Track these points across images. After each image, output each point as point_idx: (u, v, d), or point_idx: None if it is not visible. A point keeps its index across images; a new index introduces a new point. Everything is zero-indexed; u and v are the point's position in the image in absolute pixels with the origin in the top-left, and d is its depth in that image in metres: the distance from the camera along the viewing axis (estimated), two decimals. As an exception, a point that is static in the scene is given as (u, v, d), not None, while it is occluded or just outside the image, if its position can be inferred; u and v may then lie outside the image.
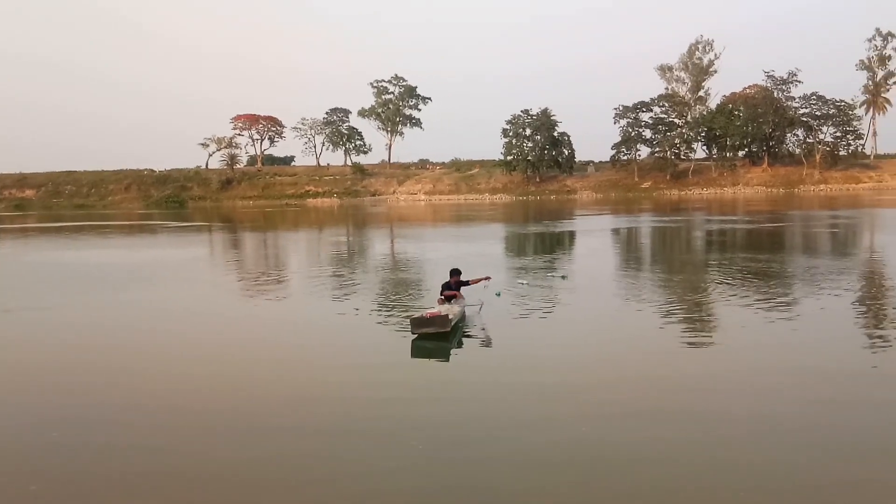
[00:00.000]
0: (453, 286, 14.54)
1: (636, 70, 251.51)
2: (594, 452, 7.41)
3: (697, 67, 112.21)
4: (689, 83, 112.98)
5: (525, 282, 18.97)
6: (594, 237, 38.34)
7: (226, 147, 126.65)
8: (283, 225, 58.17)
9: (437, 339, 12.27)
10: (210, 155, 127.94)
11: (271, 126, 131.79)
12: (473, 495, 6.51)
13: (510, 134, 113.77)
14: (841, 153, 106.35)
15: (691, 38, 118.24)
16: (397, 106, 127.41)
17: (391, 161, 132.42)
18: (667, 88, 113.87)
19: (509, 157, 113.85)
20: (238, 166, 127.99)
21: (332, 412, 9.07)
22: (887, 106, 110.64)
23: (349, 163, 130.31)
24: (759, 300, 15.72)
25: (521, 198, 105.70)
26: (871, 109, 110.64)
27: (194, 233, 50.41)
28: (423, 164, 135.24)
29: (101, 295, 19.22)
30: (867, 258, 26.00)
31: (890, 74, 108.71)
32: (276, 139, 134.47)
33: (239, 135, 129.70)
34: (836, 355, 11.06)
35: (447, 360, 11.84)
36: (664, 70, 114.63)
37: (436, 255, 28.93)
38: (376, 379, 10.49)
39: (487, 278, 15.39)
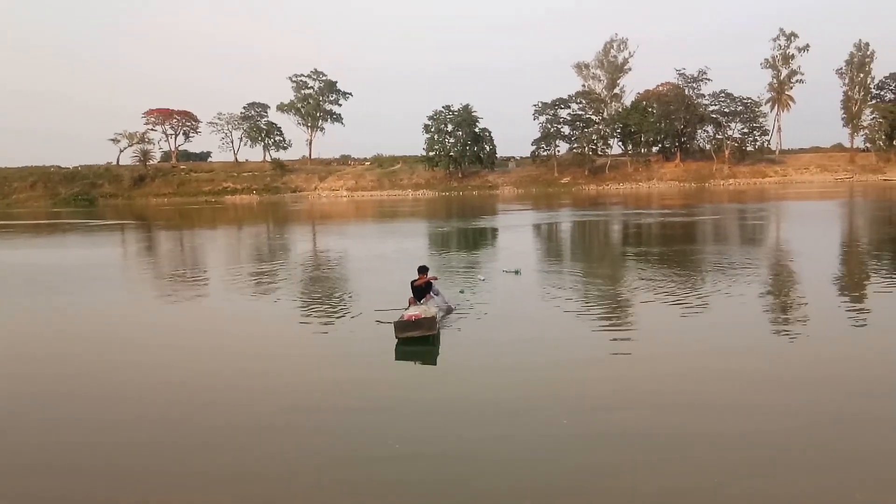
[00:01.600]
0: (423, 285, 14.03)
1: (557, 68, 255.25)
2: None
3: (613, 65, 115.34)
4: (605, 81, 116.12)
5: (483, 278, 19.30)
6: (520, 232, 39.08)
7: (138, 142, 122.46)
8: (201, 223, 56.98)
9: (421, 342, 11.87)
10: (121, 151, 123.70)
11: (186, 121, 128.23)
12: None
13: (432, 130, 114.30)
14: (748, 149, 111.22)
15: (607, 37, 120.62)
16: (317, 101, 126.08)
17: (312, 157, 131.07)
18: (584, 86, 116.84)
19: (431, 153, 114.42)
20: (151, 162, 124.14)
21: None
22: (791, 103, 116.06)
23: (268, 159, 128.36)
24: (674, 292, 16.54)
25: (443, 193, 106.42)
26: (776, 106, 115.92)
27: (106, 232, 48.91)
28: (345, 159, 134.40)
29: None
30: (775, 250, 27.50)
31: (793, 73, 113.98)
32: (191, 134, 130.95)
33: (152, 130, 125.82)
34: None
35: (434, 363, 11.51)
36: (581, 67, 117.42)
37: (365, 253, 29.16)
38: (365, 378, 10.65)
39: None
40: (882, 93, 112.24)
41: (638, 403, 9.08)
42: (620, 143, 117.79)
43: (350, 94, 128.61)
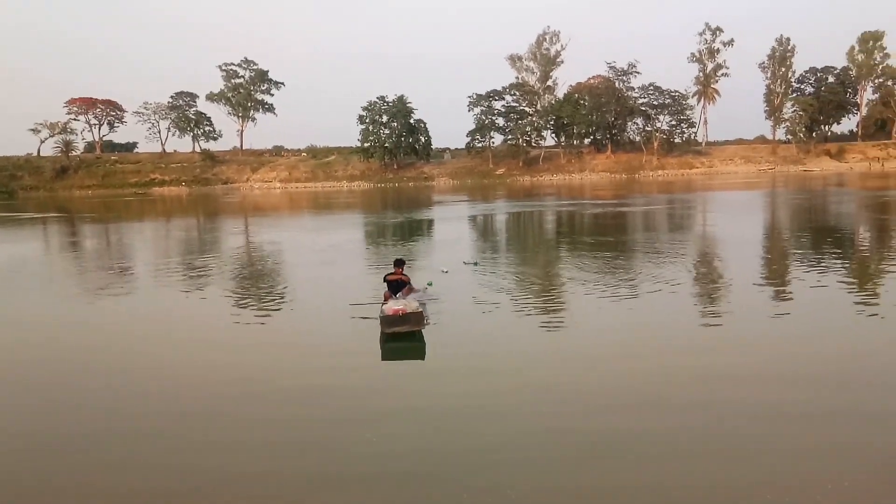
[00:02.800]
0: (399, 279, 13.75)
1: (491, 61, 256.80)
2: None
3: (545, 58, 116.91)
4: (538, 73, 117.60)
5: (446, 270, 19.45)
6: (461, 224, 39.48)
7: (60, 133, 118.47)
8: (128, 216, 55.56)
9: (408, 338, 11.74)
10: (42, 141, 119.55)
11: (110, 110, 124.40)
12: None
13: (367, 121, 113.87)
14: (676, 141, 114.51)
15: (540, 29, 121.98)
16: (248, 90, 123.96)
17: (244, 148, 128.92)
18: (517, 78, 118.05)
19: (366, 144, 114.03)
20: (74, 153, 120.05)
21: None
22: (716, 96, 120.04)
23: (198, 149, 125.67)
24: (610, 284, 17.20)
25: (379, 185, 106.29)
26: (702, 99, 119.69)
27: (28, 226, 47.25)
28: (278, 150, 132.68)
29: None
30: (703, 239, 28.63)
31: (718, 67, 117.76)
32: (116, 124, 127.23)
33: (74, 119, 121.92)
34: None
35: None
36: (514, 60, 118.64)
37: (299, 245, 29.09)
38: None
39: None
40: (802, 86, 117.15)
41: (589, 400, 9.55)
42: (554, 135, 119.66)
43: (282, 83, 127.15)
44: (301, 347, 12.22)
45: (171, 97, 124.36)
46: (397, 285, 13.64)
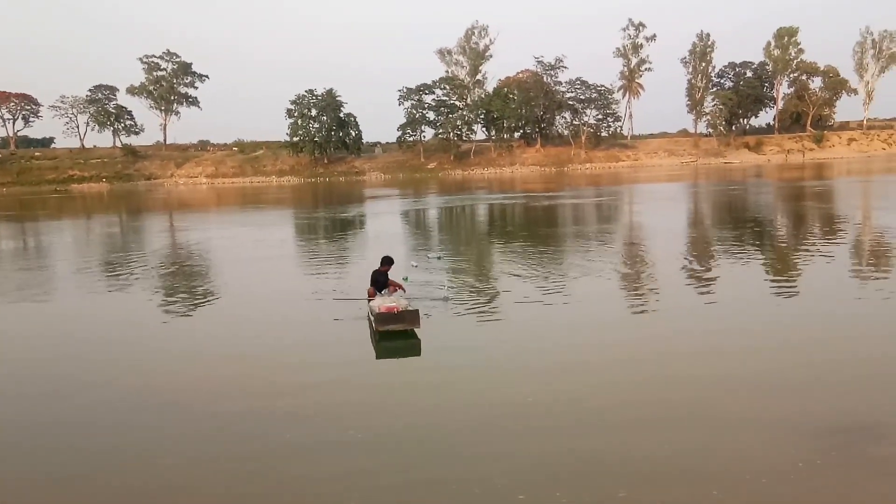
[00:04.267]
0: (378, 277, 13.64)
1: (422, 54, 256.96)
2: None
3: (475, 52, 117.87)
4: (468, 67, 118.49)
5: (415, 264, 19.65)
6: (397, 218, 39.89)
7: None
8: (45, 213, 53.89)
9: (402, 336, 11.73)
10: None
11: (24, 104, 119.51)
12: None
13: (295, 115, 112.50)
14: (603, 134, 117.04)
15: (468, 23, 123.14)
16: (171, 83, 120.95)
17: (167, 142, 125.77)
18: (447, 72, 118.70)
19: (296, 139, 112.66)
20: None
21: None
22: (641, 90, 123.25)
23: (119, 144, 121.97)
24: (544, 276, 18.04)
25: (309, 180, 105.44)
26: (627, 94, 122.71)
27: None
28: (204, 145, 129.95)
29: None
30: (629, 229, 29.90)
31: (642, 62, 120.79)
32: (31, 119, 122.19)
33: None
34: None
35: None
36: (444, 54, 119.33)
37: (228, 243, 29.04)
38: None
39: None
40: (722, 81, 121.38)
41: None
42: (484, 129, 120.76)
43: (206, 76, 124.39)
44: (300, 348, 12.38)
45: (90, 90, 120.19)
46: (384, 282, 13.59)
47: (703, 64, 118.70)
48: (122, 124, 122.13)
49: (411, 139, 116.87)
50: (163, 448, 7.92)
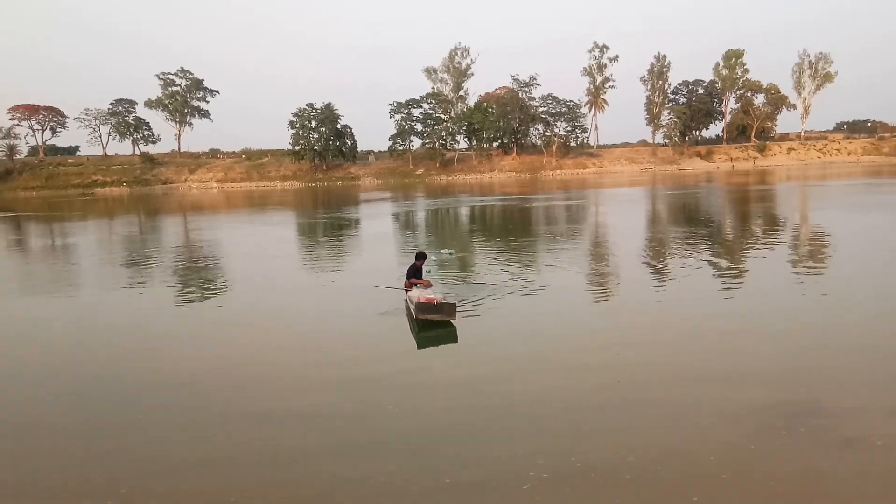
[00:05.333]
0: (415, 270, 13.55)
1: (411, 72, 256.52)
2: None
3: (457, 70, 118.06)
4: (452, 84, 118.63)
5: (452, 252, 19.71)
6: (394, 219, 39.86)
7: (3, 138, 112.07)
8: (77, 214, 53.35)
9: (439, 325, 11.50)
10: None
11: (52, 116, 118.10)
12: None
13: (297, 126, 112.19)
14: (572, 144, 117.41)
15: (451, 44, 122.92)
16: (184, 98, 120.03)
17: (181, 150, 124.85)
18: (433, 88, 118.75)
19: (297, 147, 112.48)
20: (18, 157, 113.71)
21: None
22: (605, 105, 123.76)
23: (138, 152, 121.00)
24: (519, 271, 18.11)
25: (310, 184, 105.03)
26: (593, 108, 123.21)
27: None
28: (215, 153, 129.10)
29: None
30: (595, 227, 30.11)
31: (606, 80, 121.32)
32: (58, 129, 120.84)
33: (17, 125, 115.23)
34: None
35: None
36: (430, 72, 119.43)
37: (247, 240, 28.91)
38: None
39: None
40: (676, 97, 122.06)
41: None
42: (466, 139, 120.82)
43: (217, 91, 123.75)
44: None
45: (111, 104, 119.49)
46: (418, 275, 13.55)
47: (660, 82, 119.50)
48: (141, 134, 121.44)
49: (401, 148, 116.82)
50: (184, 445, 7.34)
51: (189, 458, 6.91)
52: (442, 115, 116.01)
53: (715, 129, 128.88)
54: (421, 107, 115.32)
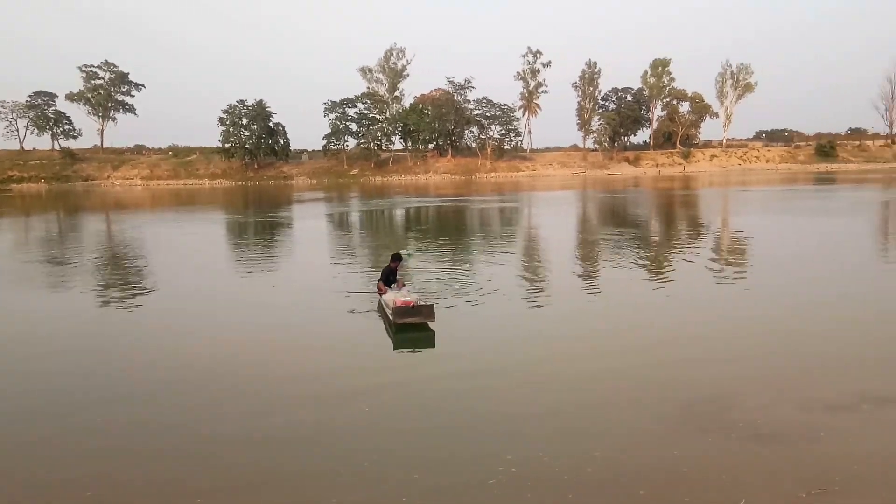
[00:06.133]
0: (389, 273, 13.25)
1: (346, 70, 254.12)
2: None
3: (393, 71, 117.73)
4: (387, 84, 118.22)
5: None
6: (337, 220, 39.35)
7: None
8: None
9: (417, 329, 11.26)
10: None
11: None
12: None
13: (227, 123, 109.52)
14: (506, 147, 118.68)
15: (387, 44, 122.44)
16: (108, 91, 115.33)
17: (104, 146, 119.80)
18: (368, 88, 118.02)
19: (227, 145, 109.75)
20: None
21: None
22: (538, 110, 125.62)
23: (57, 147, 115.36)
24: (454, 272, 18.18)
25: (240, 183, 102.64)
26: (527, 112, 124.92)
27: None
28: (140, 149, 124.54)
29: None
30: (528, 229, 30.56)
31: (539, 85, 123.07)
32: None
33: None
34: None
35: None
36: (365, 71, 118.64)
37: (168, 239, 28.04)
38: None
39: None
40: (606, 103, 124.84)
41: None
42: (402, 140, 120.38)
43: (143, 85, 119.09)
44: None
45: (30, 96, 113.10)
46: (392, 277, 13.26)
47: (591, 88, 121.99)
48: (61, 128, 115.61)
49: (335, 147, 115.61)
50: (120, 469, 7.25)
51: (119, 480, 6.65)
52: (377, 116, 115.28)
53: (643, 135, 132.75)
54: (356, 106, 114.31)
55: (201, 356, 10.44)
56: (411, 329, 11.18)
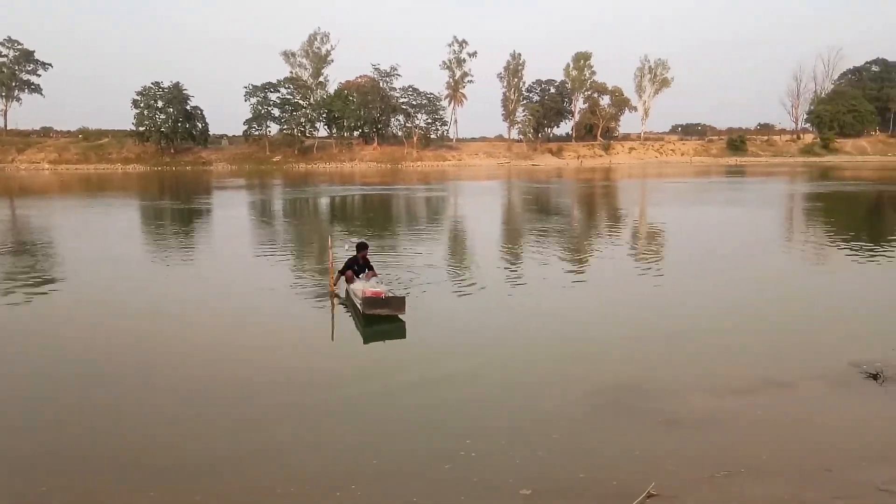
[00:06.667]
0: (360, 262, 12.82)
1: (267, 53, 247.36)
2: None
3: (317, 56, 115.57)
4: (311, 69, 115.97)
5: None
6: (264, 208, 38.22)
7: None
8: None
9: (388, 321, 10.86)
10: None
11: None
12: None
13: (142, 105, 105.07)
14: (432, 136, 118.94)
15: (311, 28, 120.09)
16: (12, 70, 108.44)
17: (8, 128, 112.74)
18: (291, 72, 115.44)
19: (142, 128, 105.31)
20: None
21: None
22: (464, 99, 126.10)
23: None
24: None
25: (156, 168, 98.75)
26: (453, 102, 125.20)
27: None
28: (47, 131, 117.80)
29: None
30: (454, 216, 30.62)
31: (465, 75, 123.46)
32: None
33: None
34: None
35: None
36: (288, 55, 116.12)
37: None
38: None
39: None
40: (531, 95, 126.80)
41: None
42: (326, 127, 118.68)
43: (50, 64, 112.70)
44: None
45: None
46: (360, 267, 12.82)
47: (516, 79, 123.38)
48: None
49: (257, 133, 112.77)
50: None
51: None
52: (301, 101, 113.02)
53: (565, 127, 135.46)
54: (278, 91, 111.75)
55: (121, 360, 9.95)
56: (381, 321, 10.80)
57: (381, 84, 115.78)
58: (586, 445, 6.57)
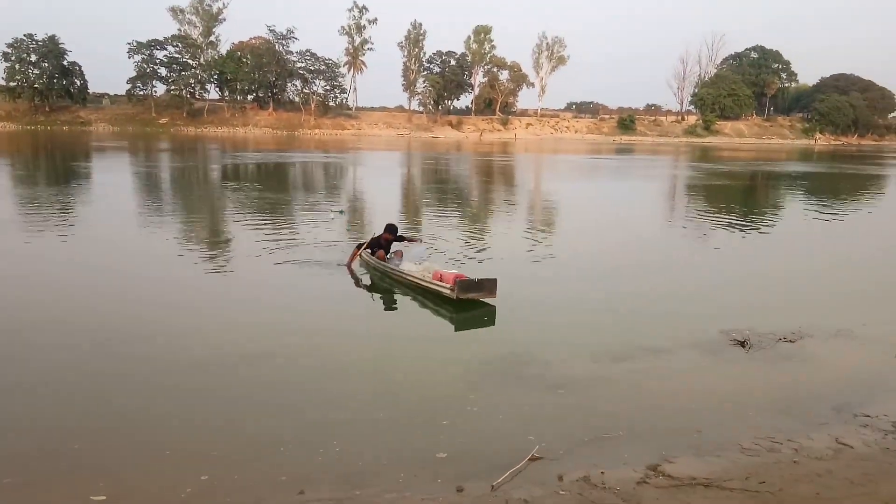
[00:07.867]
0: (383, 243, 12.26)
1: (153, 8, 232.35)
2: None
3: (208, 13, 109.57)
4: (201, 28, 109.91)
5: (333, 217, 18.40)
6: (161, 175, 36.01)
7: None
8: None
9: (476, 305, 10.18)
10: None
11: None
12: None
13: (12, 59, 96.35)
14: (331, 104, 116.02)
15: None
16: None
17: None
18: (180, 30, 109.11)
19: (12, 84, 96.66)
20: None
21: None
22: (364, 67, 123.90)
23: None
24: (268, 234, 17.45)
25: (28, 127, 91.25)
26: (352, 69, 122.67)
27: None
28: None
29: None
30: (353, 187, 30.21)
31: (365, 42, 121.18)
32: None
33: None
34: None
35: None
36: (176, 12, 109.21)
37: None
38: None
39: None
40: (431, 66, 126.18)
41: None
42: (218, 90, 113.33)
43: None
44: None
45: None
46: (389, 244, 12.38)
47: (416, 49, 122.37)
48: None
49: (142, 93, 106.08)
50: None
51: None
52: (189, 61, 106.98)
53: (465, 100, 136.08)
54: (165, 49, 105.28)
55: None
56: (471, 307, 10.10)
57: (276, 47, 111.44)
58: (467, 411, 6.71)
